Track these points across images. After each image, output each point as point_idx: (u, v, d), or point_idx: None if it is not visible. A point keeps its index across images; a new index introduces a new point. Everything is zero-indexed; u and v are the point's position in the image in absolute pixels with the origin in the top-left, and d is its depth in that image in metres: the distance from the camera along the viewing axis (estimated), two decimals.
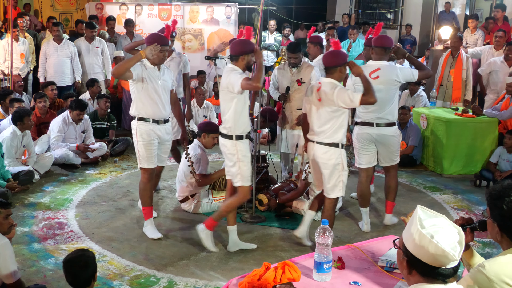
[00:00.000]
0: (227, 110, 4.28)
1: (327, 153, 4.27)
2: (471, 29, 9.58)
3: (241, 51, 4.25)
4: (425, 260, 1.87)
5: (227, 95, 4.25)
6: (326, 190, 4.39)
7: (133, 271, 4.11)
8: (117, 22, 9.95)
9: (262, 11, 5.48)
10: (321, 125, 4.28)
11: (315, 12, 15.58)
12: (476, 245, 4.77)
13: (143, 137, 4.65)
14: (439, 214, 1.99)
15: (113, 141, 7.59)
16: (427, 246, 1.85)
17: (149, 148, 4.68)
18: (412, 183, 6.59)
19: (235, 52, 4.28)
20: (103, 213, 5.31)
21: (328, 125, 4.25)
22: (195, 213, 5.32)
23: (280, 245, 4.65)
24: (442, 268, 1.87)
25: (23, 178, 5.85)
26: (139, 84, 4.58)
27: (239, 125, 4.28)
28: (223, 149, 4.40)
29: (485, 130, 6.89)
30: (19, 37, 8.35)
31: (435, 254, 1.84)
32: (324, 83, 4.25)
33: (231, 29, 10.15)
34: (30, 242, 4.57)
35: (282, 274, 2.58)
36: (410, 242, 1.92)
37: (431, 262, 1.87)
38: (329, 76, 4.28)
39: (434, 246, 1.84)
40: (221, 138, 4.41)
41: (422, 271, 1.90)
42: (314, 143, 4.35)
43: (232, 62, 4.32)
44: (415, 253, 1.90)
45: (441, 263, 1.86)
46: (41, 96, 7.25)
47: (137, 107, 4.66)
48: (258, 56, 4.22)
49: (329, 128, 4.25)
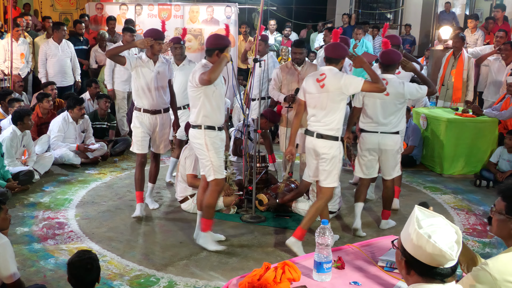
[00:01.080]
0: None
1: (398, 142, 4.82)
2: (470, 29, 9.58)
3: (216, 46, 4.28)
4: (423, 260, 1.88)
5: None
6: (389, 173, 4.87)
7: (133, 271, 4.11)
8: (117, 22, 9.95)
9: (262, 11, 5.47)
10: (386, 116, 4.72)
11: (315, 12, 15.60)
12: (476, 245, 4.78)
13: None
14: (437, 214, 1.99)
15: (113, 141, 7.59)
16: (424, 246, 1.86)
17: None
18: (412, 183, 6.59)
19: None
20: (103, 213, 5.31)
21: (394, 116, 4.73)
22: (195, 213, 5.32)
23: (280, 245, 4.64)
24: (440, 267, 1.87)
25: (23, 178, 5.85)
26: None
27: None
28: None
29: (485, 130, 6.89)
30: (19, 37, 8.34)
31: (433, 254, 1.85)
32: None
33: (231, 29, 10.14)
34: (30, 242, 4.57)
35: (282, 274, 2.58)
36: (408, 242, 1.92)
37: (429, 262, 1.87)
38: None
39: (432, 246, 1.84)
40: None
41: (421, 271, 1.90)
42: (378, 133, 4.76)
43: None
44: (413, 253, 1.90)
45: (438, 262, 1.86)
46: (46, 96, 7.27)
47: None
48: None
49: (394, 119, 4.74)
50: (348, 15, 13.12)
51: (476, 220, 5.42)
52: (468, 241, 4.86)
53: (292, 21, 14.13)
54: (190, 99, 4.41)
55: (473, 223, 5.32)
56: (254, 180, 5.14)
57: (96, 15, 10.27)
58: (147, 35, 5.02)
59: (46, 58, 8.35)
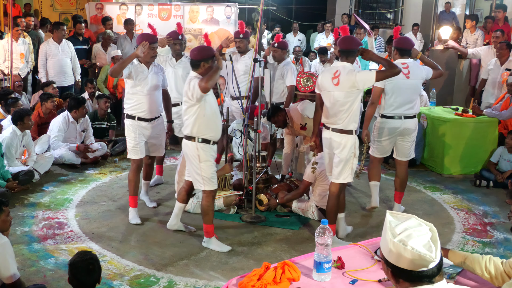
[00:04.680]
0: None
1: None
2: (469, 29, 9.59)
3: (202, 57, 4.29)
4: (406, 267, 1.89)
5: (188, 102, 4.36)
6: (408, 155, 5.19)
7: (133, 271, 4.11)
8: (117, 22, 9.95)
9: (262, 11, 5.48)
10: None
11: (315, 12, 15.60)
12: (476, 245, 4.78)
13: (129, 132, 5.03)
14: (409, 215, 2.02)
15: (113, 141, 7.59)
16: (403, 253, 1.87)
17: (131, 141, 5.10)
18: (412, 183, 6.59)
19: (194, 57, 4.32)
20: (103, 213, 5.31)
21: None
22: (195, 213, 5.32)
23: (280, 245, 4.65)
24: (425, 270, 1.88)
25: (23, 178, 5.85)
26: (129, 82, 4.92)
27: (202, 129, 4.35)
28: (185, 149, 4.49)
29: (485, 130, 6.89)
30: (19, 36, 8.34)
31: (413, 259, 1.86)
32: None
33: (231, 29, 10.15)
34: (30, 242, 4.57)
35: (282, 274, 2.58)
36: (387, 252, 1.94)
37: (413, 268, 1.88)
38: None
39: (410, 252, 1.85)
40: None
41: (407, 277, 1.91)
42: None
43: (193, 69, 4.35)
44: (395, 263, 1.92)
45: (421, 266, 1.87)
46: (51, 96, 7.28)
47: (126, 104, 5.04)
48: (218, 61, 4.28)
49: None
50: (348, 15, 13.13)
51: (476, 220, 5.41)
52: (468, 241, 4.86)
53: (292, 21, 14.13)
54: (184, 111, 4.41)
55: (473, 223, 5.32)
56: (254, 180, 5.13)
57: (96, 15, 10.27)
58: (141, 40, 4.85)
59: (46, 58, 8.35)
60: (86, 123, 7.20)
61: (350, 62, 4.37)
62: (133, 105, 4.97)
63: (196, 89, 4.17)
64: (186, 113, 4.38)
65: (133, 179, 5.06)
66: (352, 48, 4.35)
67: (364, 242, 3.15)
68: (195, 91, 4.19)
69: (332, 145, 4.45)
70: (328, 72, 4.45)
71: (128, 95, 4.99)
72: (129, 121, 5.01)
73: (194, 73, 4.34)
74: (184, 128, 4.44)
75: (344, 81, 4.28)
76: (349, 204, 5.68)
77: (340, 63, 4.38)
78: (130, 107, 4.99)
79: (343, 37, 4.51)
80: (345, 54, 4.38)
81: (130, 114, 5.00)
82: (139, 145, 5.03)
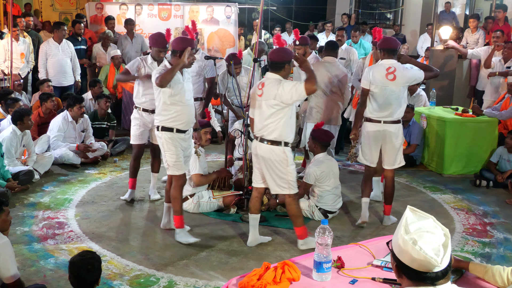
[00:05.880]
0: None
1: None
2: (471, 29, 9.58)
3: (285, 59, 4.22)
4: (410, 265, 1.87)
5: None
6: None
7: (133, 271, 4.11)
8: (117, 22, 9.95)
9: (262, 11, 5.48)
10: None
11: (315, 12, 15.60)
12: (476, 245, 4.78)
13: (169, 147, 4.66)
14: (428, 215, 1.98)
15: (113, 141, 7.59)
16: (410, 252, 1.85)
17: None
18: (412, 183, 6.59)
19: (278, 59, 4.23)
20: (103, 213, 5.31)
21: None
22: (195, 212, 5.32)
23: (280, 245, 4.65)
24: (428, 272, 1.86)
25: (23, 178, 5.85)
26: (167, 92, 4.48)
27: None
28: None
29: (485, 130, 6.89)
30: (19, 36, 8.34)
31: (418, 260, 1.84)
32: None
33: (231, 29, 10.15)
34: (30, 242, 4.57)
35: (282, 274, 2.58)
36: (396, 247, 1.93)
37: (417, 267, 1.86)
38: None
39: (417, 252, 1.84)
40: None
41: (410, 275, 1.90)
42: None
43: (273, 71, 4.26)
44: (401, 258, 1.90)
45: (426, 268, 1.85)
46: (50, 96, 7.27)
47: (162, 116, 4.62)
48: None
49: None
50: (348, 15, 13.12)
51: (476, 220, 5.41)
52: (468, 241, 4.86)
53: (292, 21, 14.13)
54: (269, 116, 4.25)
55: (473, 223, 5.32)
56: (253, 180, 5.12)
57: (96, 15, 10.27)
58: (186, 44, 4.40)
59: (46, 58, 8.35)
60: (86, 123, 7.20)
61: (395, 59, 4.82)
62: (172, 117, 4.52)
63: (301, 91, 4.04)
64: (271, 117, 4.21)
65: (179, 197, 4.66)
66: (394, 47, 4.82)
67: (364, 242, 3.14)
68: (297, 93, 4.06)
69: (386, 136, 4.86)
70: (379, 67, 4.81)
71: (165, 106, 4.50)
72: (167, 134, 4.54)
73: (275, 75, 4.21)
74: (269, 133, 4.25)
75: (400, 77, 4.72)
76: (350, 203, 5.70)
77: (388, 61, 4.80)
78: (168, 119, 4.52)
79: (385, 38, 5.11)
80: (389, 52, 4.81)
81: (167, 126, 4.54)
82: (180, 159, 4.60)
